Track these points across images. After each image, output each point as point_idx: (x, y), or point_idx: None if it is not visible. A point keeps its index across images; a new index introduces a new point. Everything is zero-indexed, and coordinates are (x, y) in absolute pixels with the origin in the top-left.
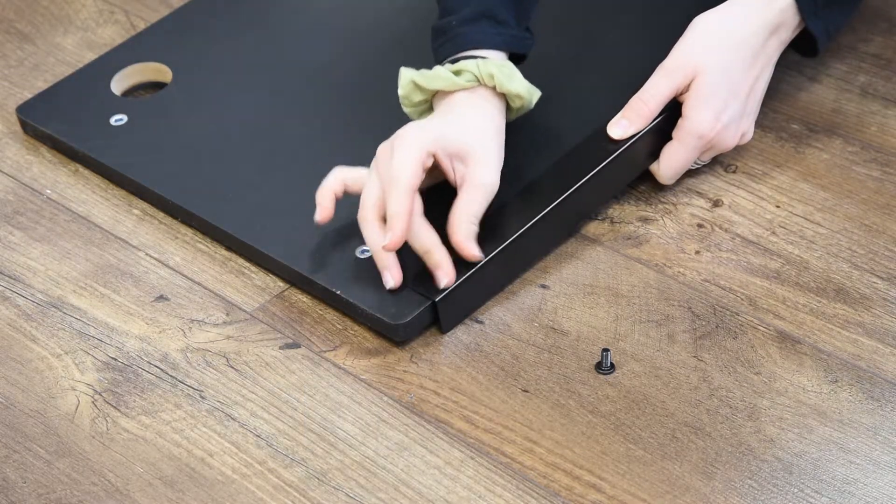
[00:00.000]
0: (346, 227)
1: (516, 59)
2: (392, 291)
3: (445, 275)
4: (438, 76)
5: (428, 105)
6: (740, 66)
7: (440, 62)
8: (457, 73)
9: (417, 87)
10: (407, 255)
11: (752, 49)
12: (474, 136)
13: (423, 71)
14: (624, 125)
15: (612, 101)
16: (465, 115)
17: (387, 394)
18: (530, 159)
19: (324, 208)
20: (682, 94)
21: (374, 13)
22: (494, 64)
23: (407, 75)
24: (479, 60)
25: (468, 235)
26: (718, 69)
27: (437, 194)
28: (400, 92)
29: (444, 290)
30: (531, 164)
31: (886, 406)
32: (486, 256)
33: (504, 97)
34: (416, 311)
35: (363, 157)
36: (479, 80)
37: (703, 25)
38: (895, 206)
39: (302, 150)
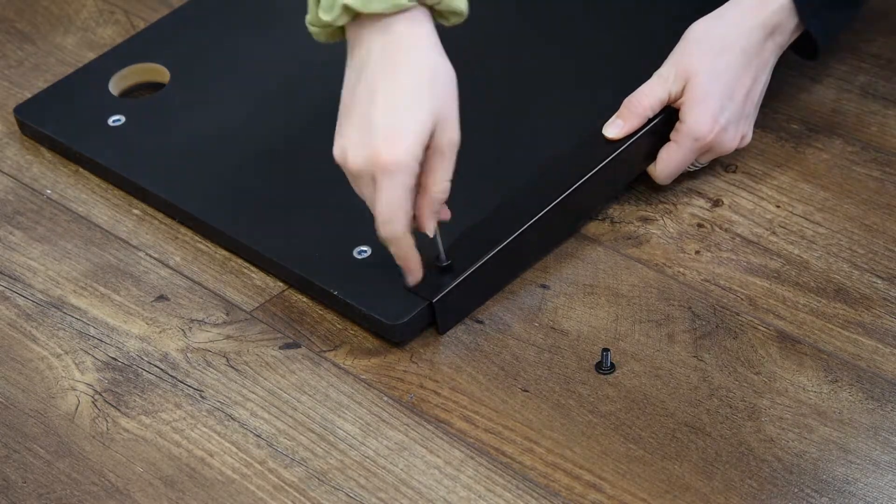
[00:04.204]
0: (345, 227)
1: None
2: (390, 292)
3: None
4: None
5: (336, 29)
6: (734, 69)
7: None
8: None
9: (348, 9)
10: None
11: (747, 52)
12: (445, 97)
13: None
14: (619, 125)
15: (611, 104)
16: (419, 71)
17: (387, 394)
18: (526, 162)
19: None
20: (677, 100)
21: None
22: None
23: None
24: None
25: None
26: (711, 72)
27: None
28: (315, 15)
29: (442, 290)
30: (526, 167)
31: (886, 406)
32: (485, 257)
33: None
34: (413, 312)
35: None
36: None
37: (695, 32)
38: (895, 206)
39: (300, 151)
